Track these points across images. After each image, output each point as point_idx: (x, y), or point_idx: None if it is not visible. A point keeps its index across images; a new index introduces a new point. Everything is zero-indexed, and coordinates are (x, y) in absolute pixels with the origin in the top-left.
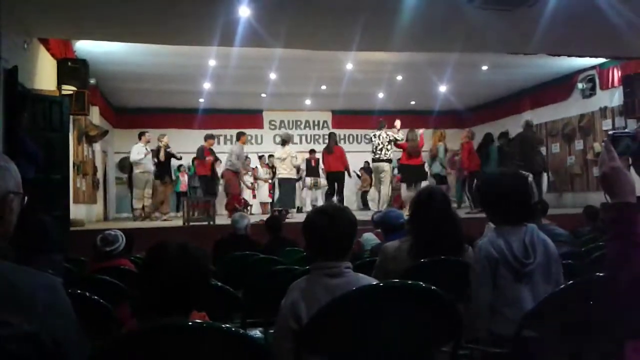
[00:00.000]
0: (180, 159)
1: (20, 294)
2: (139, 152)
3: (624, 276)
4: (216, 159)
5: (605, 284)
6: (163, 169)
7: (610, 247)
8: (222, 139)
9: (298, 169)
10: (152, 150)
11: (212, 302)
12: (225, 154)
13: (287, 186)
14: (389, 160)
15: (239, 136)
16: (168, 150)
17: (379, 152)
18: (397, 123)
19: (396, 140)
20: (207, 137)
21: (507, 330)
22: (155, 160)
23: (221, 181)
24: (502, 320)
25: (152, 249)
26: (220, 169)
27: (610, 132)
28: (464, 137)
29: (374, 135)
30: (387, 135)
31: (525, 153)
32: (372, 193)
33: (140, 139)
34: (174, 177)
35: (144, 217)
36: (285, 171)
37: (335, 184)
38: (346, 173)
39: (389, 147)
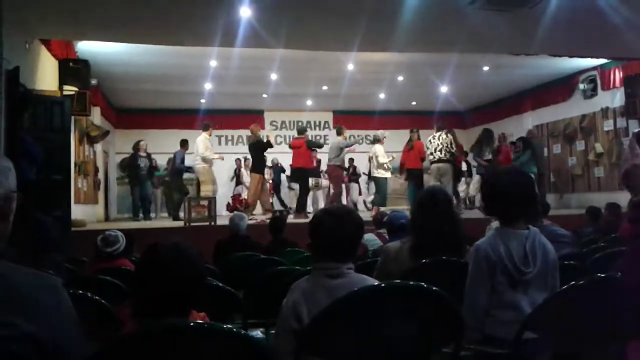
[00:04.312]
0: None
1: (21, 294)
2: (206, 145)
3: (637, 275)
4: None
5: (617, 282)
6: (263, 161)
7: (631, 244)
8: (222, 139)
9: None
10: (255, 141)
11: (213, 303)
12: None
13: (383, 183)
14: (449, 161)
15: (341, 131)
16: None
17: (437, 153)
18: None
19: (451, 145)
20: (302, 131)
21: (500, 332)
22: (252, 152)
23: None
24: (494, 322)
25: (146, 250)
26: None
27: (635, 130)
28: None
29: (433, 137)
30: (448, 136)
31: None
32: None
33: (206, 130)
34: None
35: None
36: (382, 169)
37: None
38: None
39: (447, 148)
